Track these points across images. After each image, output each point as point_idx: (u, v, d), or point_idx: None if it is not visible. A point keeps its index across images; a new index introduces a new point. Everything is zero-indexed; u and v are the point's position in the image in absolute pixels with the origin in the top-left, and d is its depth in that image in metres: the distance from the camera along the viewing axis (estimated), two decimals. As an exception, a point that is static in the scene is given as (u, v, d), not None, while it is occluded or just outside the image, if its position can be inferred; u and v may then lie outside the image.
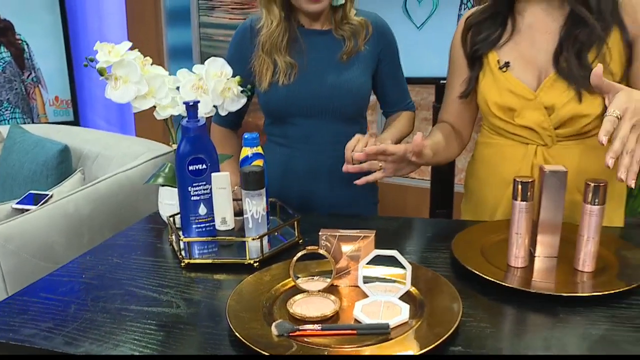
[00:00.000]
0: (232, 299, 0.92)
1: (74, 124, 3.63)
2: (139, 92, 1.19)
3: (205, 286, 1.03)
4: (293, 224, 1.20)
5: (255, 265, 1.08)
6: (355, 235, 0.98)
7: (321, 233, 0.98)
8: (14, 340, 0.87)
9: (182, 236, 1.15)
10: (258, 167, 1.14)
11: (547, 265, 1.05)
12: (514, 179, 1.01)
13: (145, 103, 1.21)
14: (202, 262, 1.11)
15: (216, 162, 1.16)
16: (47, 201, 1.86)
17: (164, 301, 0.97)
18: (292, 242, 1.18)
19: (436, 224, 1.44)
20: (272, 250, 1.14)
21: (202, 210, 1.15)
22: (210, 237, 1.16)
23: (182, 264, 1.10)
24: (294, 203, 1.35)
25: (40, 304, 0.98)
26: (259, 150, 1.21)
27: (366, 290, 0.95)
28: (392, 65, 1.53)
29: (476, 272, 0.99)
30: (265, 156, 1.22)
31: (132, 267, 1.12)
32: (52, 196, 1.90)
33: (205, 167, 1.14)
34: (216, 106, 1.28)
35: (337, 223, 1.05)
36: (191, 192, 1.14)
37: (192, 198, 1.14)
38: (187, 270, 1.09)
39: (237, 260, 1.10)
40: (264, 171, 1.11)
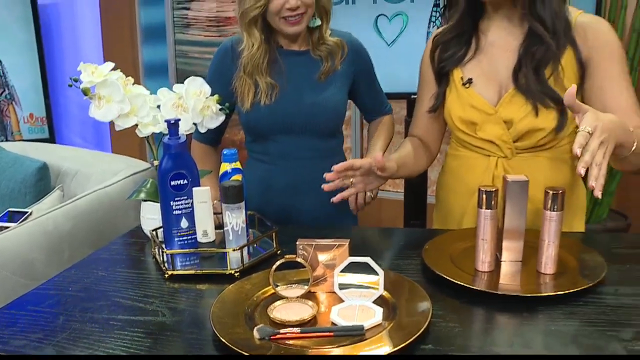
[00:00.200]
0: (216, 306, 0.97)
1: (49, 141, 3.62)
2: (122, 111, 1.23)
3: (189, 296, 1.07)
4: (272, 235, 1.25)
5: (236, 275, 1.12)
6: (330, 244, 1.03)
7: (298, 242, 1.04)
8: (4, 352, 0.89)
9: (165, 249, 1.19)
10: (237, 181, 1.19)
11: (512, 269, 1.11)
12: (478, 189, 1.07)
13: (128, 121, 1.25)
14: (185, 273, 1.15)
15: (197, 177, 1.20)
16: (26, 219, 1.87)
17: (149, 310, 1.01)
18: (270, 253, 1.22)
19: (408, 233, 1.51)
20: (252, 260, 1.18)
21: (184, 223, 1.19)
22: (193, 249, 1.20)
23: (165, 275, 1.14)
24: (275, 217, 1.38)
25: (28, 317, 1.00)
26: (238, 165, 1.25)
27: (342, 296, 0.99)
28: (369, 79, 1.61)
29: (446, 276, 1.04)
30: (246, 172, 1.26)
31: (117, 279, 1.16)
32: (31, 213, 1.91)
33: (186, 182, 1.17)
34: (196, 124, 1.32)
35: (314, 234, 1.08)
36: (173, 206, 1.18)
37: (174, 212, 1.18)
38: (170, 281, 1.13)
39: (218, 271, 1.15)
40: (242, 185, 1.16)
